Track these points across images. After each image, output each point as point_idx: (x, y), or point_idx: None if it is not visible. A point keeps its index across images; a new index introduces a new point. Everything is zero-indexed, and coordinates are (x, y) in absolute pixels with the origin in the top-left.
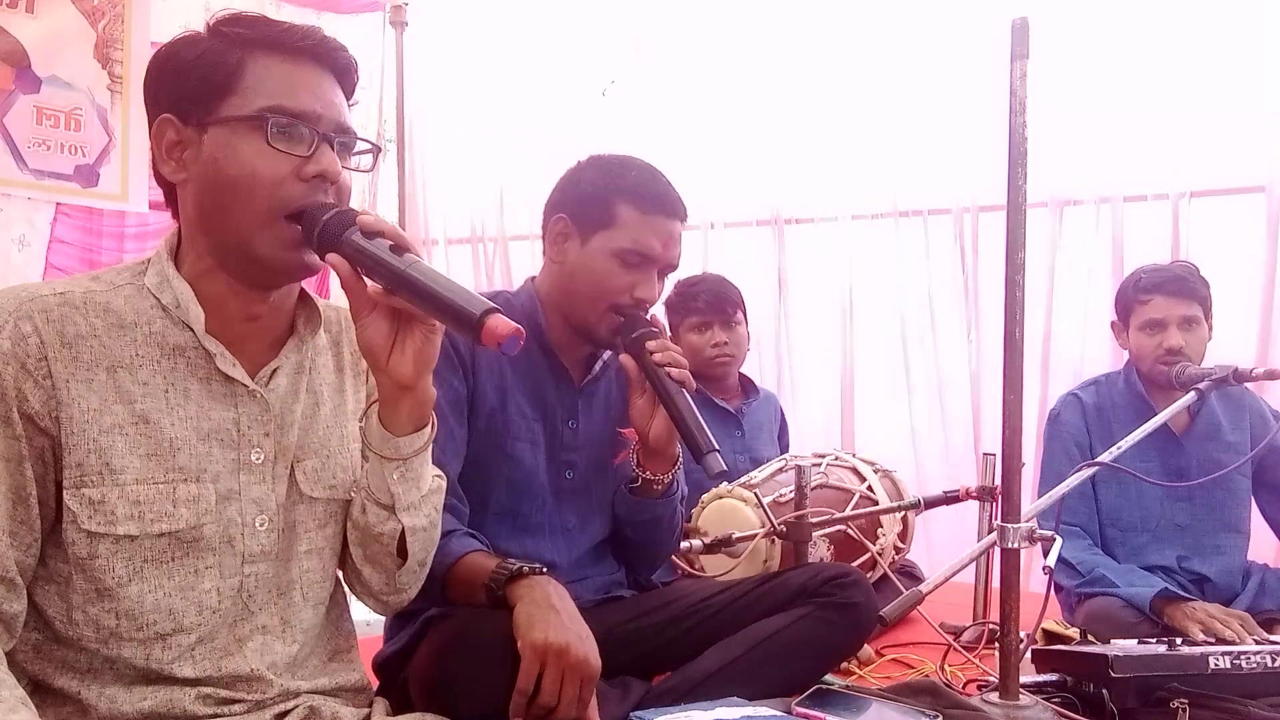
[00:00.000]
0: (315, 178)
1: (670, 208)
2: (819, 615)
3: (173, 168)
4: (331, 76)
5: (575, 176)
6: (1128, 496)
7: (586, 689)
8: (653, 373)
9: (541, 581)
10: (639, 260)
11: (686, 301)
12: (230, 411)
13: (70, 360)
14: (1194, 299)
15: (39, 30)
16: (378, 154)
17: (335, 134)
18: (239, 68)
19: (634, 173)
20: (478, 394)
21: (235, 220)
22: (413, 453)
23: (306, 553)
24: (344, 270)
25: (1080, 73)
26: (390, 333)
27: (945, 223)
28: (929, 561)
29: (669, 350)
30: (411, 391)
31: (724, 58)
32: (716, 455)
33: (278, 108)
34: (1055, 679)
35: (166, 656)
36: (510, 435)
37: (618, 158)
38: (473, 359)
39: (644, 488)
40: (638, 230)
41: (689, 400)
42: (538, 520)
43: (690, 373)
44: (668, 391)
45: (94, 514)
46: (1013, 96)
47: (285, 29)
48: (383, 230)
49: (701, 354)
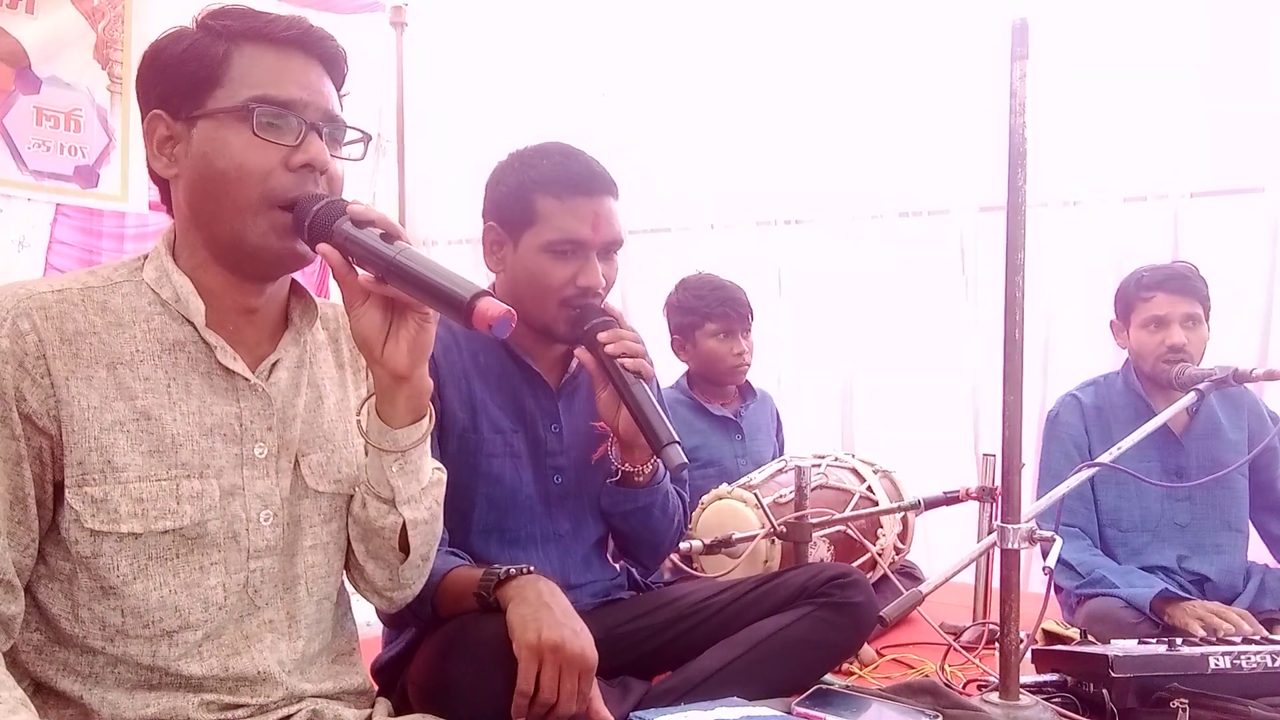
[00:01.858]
0: (304, 167)
1: (590, 186)
2: (819, 615)
3: (164, 163)
4: (320, 65)
5: (494, 179)
6: (1127, 497)
7: (585, 682)
8: (608, 364)
9: (531, 580)
10: (571, 248)
11: (707, 306)
12: (232, 406)
13: (70, 357)
14: (1196, 298)
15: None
16: (368, 142)
17: (323, 123)
18: (225, 60)
19: (545, 161)
20: (446, 415)
21: (226, 213)
22: (411, 444)
23: (311, 547)
24: (335, 260)
25: (1080, 73)
26: (384, 323)
27: (945, 223)
28: (929, 562)
29: (623, 340)
30: (407, 381)
31: (724, 58)
32: (677, 447)
33: (264, 97)
34: (1055, 679)
35: (173, 654)
36: (484, 453)
37: (534, 149)
38: (437, 382)
39: (626, 479)
40: (561, 219)
41: (646, 390)
42: (527, 533)
43: (701, 376)
44: (624, 383)
45: (97, 512)
46: (1013, 97)
47: (271, 19)
48: (372, 219)
49: (724, 362)
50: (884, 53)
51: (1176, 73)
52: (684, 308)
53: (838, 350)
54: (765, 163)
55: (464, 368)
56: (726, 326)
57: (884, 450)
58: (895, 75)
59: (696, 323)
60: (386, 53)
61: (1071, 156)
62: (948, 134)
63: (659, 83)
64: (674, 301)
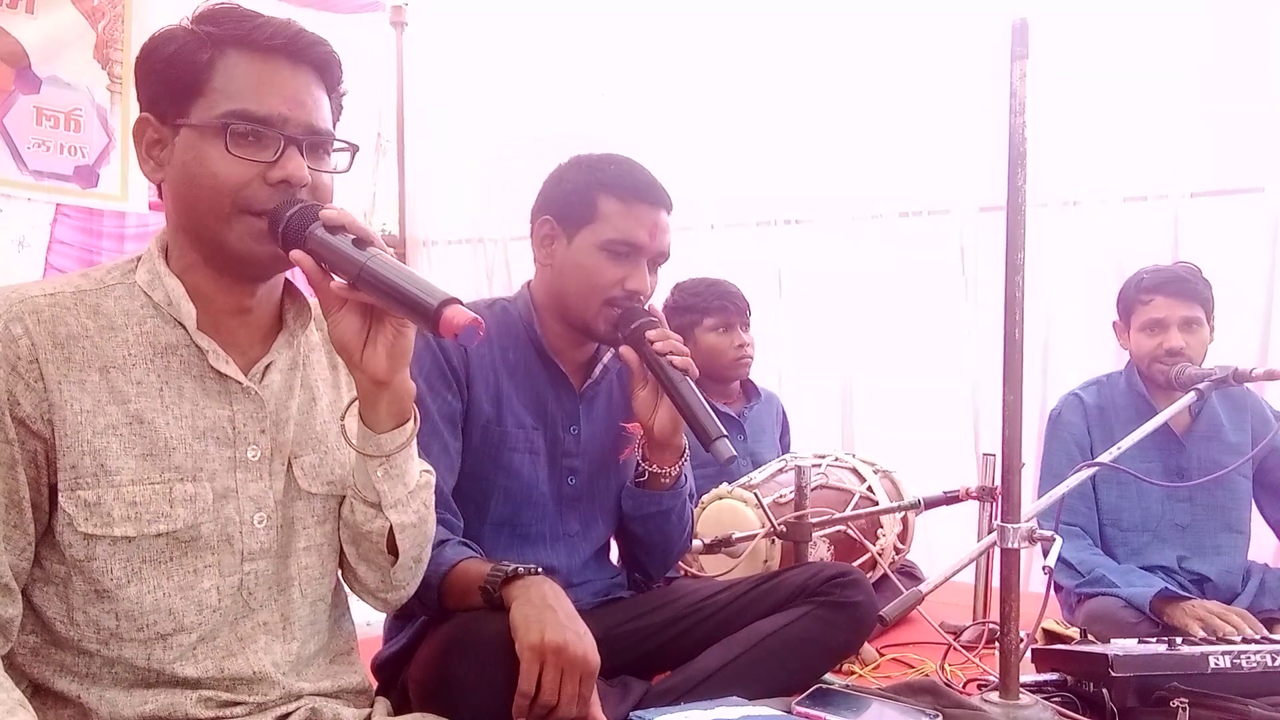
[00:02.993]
0: (281, 183)
1: (653, 196)
2: (819, 614)
3: (152, 166)
4: (309, 72)
5: (557, 177)
6: (1128, 496)
7: (586, 685)
8: (654, 362)
9: (536, 581)
10: (626, 250)
11: (705, 302)
12: (225, 409)
13: (62, 361)
14: (1196, 300)
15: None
16: (355, 153)
17: (304, 136)
18: (208, 68)
19: (614, 167)
20: (473, 406)
21: (206, 219)
22: (395, 449)
23: (305, 549)
24: (308, 266)
25: (1080, 73)
26: (362, 329)
27: (945, 223)
28: (929, 561)
29: (670, 339)
30: (388, 387)
31: (724, 58)
32: (725, 441)
33: (241, 112)
34: (1055, 679)
35: (168, 656)
36: (507, 447)
37: (599, 155)
38: (467, 372)
39: (651, 481)
40: (622, 220)
41: (694, 387)
42: (538, 530)
43: (704, 374)
44: (671, 380)
45: (90, 516)
46: (1013, 96)
47: (258, 25)
48: (345, 224)
49: (725, 356)
50: (884, 53)
51: (1176, 73)
52: (680, 307)
53: (838, 350)
54: (765, 163)
55: (493, 362)
56: (725, 320)
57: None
58: (895, 75)
59: (695, 320)
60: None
61: (1071, 156)
62: (948, 134)
63: (659, 83)
64: (670, 304)
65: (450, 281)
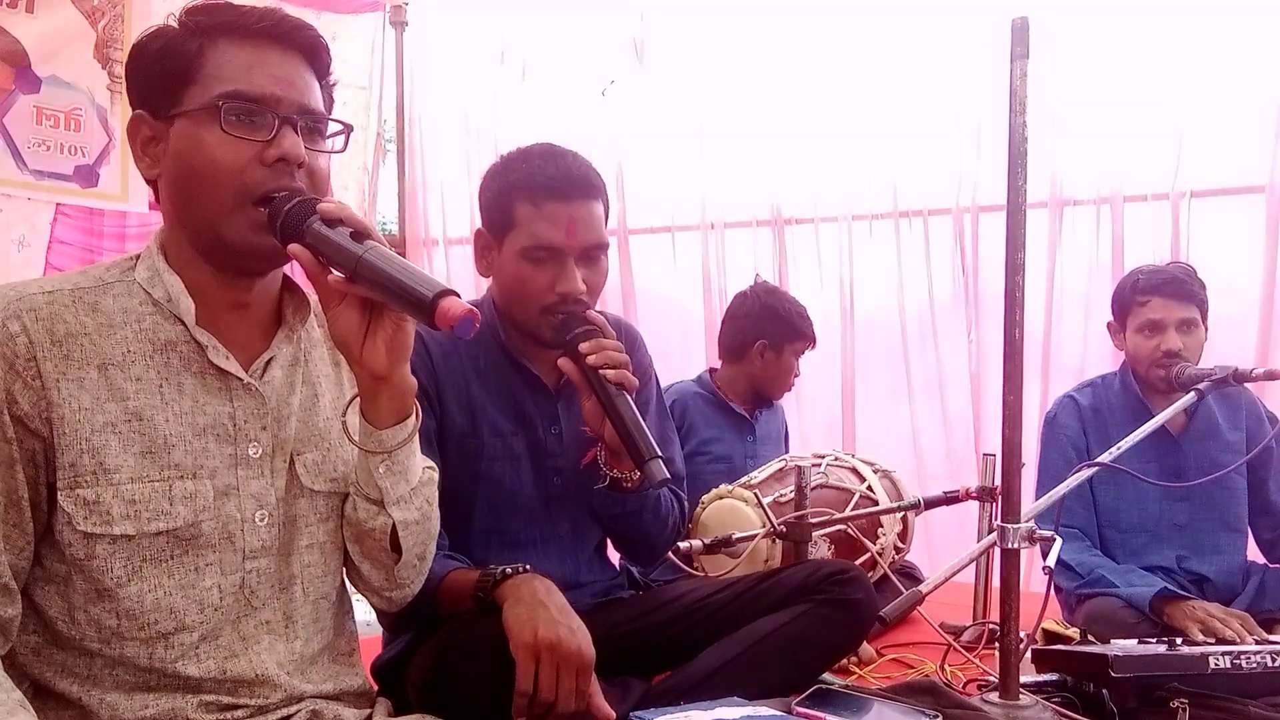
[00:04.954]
0: (278, 161)
1: (564, 190)
2: (818, 612)
3: (148, 164)
4: (297, 56)
5: (483, 184)
6: (1126, 497)
7: (584, 679)
8: (590, 375)
9: (527, 579)
10: (546, 254)
11: (808, 329)
12: (225, 406)
13: (61, 359)
14: (1192, 301)
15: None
16: (349, 133)
17: (298, 115)
18: (198, 56)
19: (525, 165)
20: (446, 421)
21: (204, 211)
22: (396, 445)
23: (308, 547)
24: (306, 260)
25: (1080, 72)
26: (361, 323)
27: (945, 223)
28: (929, 561)
29: (605, 350)
30: (388, 382)
31: (724, 58)
32: (659, 463)
33: (234, 93)
34: (1055, 679)
35: (170, 655)
36: (484, 458)
37: (520, 151)
38: (437, 387)
39: (615, 485)
40: (534, 225)
41: (628, 402)
42: (527, 535)
43: (754, 387)
44: (607, 395)
45: (89, 515)
46: (1013, 96)
47: (244, 12)
48: (342, 217)
49: (786, 380)
50: (885, 53)
51: (1177, 72)
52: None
53: (838, 350)
54: (765, 162)
55: (463, 371)
56: (807, 347)
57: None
58: (896, 75)
59: (800, 346)
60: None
61: (1072, 156)
62: (948, 134)
63: (659, 83)
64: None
65: (450, 281)
